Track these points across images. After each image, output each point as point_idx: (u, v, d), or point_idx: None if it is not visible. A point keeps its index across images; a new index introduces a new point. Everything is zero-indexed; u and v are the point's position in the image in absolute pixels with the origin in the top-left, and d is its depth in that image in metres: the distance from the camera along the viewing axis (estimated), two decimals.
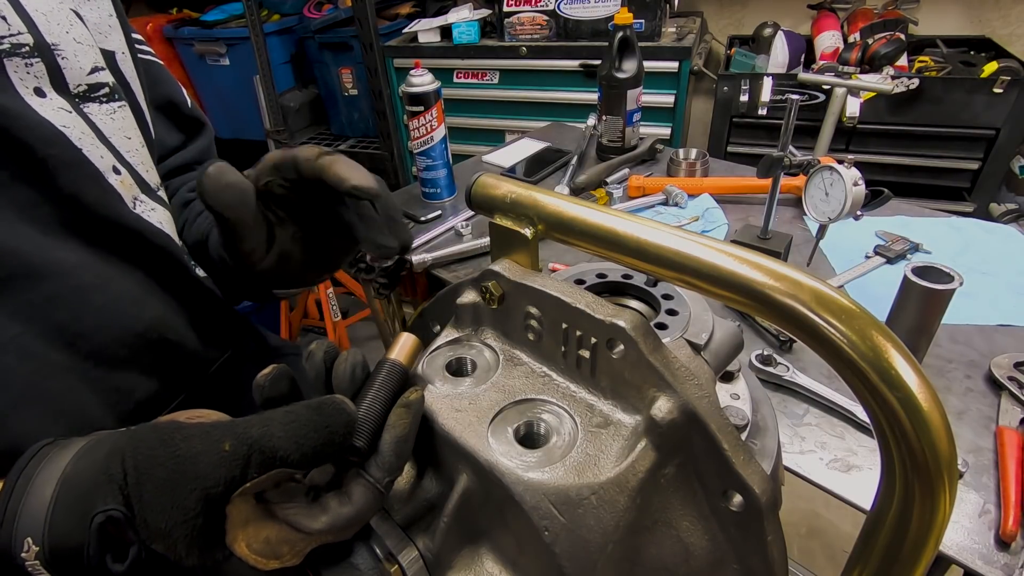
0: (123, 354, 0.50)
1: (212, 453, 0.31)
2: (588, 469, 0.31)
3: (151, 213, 0.53)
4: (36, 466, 0.34)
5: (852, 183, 0.89)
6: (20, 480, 0.33)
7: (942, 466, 0.24)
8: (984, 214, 1.99)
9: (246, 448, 0.30)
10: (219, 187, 0.42)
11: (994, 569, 0.61)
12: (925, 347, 0.84)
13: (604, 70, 1.38)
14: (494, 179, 0.39)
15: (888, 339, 0.24)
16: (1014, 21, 2.17)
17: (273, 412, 0.32)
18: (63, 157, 0.45)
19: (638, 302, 0.42)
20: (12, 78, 0.43)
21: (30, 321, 0.43)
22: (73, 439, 0.36)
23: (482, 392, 0.36)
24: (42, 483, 0.33)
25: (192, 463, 0.31)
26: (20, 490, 0.33)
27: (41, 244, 0.44)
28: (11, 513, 0.32)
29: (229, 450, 0.31)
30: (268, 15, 2.69)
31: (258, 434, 0.31)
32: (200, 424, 0.33)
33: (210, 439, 0.31)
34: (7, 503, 0.32)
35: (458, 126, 2.55)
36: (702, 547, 0.33)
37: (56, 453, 0.35)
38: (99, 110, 0.51)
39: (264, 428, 0.31)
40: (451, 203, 1.39)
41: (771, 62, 2.12)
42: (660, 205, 1.31)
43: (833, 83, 1.84)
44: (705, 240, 0.29)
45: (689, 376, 0.32)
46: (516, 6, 2.27)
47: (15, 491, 0.33)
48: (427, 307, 0.47)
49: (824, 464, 0.73)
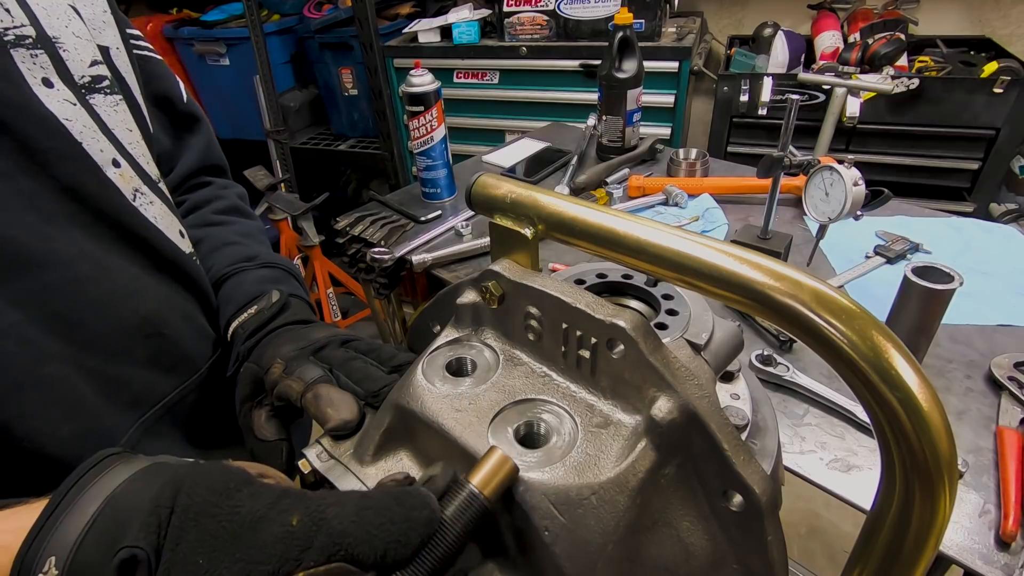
0: (119, 345, 0.50)
1: (276, 524, 0.27)
2: (588, 469, 0.31)
3: (149, 207, 0.54)
4: (93, 478, 0.31)
5: (852, 183, 0.89)
6: (71, 492, 0.30)
7: (942, 466, 0.24)
8: (984, 214, 1.99)
9: (315, 527, 0.27)
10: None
11: (994, 569, 0.61)
12: (925, 347, 0.84)
13: (604, 70, 1.38)
14: (494, 179, 0.39)
15: (888, 339, 0.24)
16: (1014, 21, 2.17)
17: (350, 492, 0.29)
18: (63, 150, 0.46)
19: (638, 302, 0.42)
20: (20, 67, 0.44)
21: (29, 309, 0.44)
22: (139, 456, 0.34)
23: (482, 392, 0.36)
24: (89, 499, 0.30)
25: (250, 529, 0.27)
26: (66, 504, 0.30)
27: (42, 234, 0.45)
28: (47, 529, 0.29)
29: (296, 526, 0.27)
30: (268, 15, 2.69)
31: (332, 515, 0.28)
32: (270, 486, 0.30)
33: (279, 507, 0.28)
34: (49, 516, 0.30)
35: (458, 126, 2.55)
36: (702, 547, 0.33)
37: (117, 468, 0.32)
38: (104, 101, 0.51)
39: (339, 509, 0.28)
40: (451, 203, 1.39)
41: (771, 62, 2.12)
42: (660, 205, 1.31)
43: (833, 83, 1.84)
44: (705, 240, 0.29)
45: (689, 376, 0.32)
46: (516, 6, 2.27)
47: (61, 504, 0.30)
48: (427, 307, 0.48)
49: (824, 464, 0.73)
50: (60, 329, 0.46)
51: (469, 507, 0.29)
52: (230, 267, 0.65)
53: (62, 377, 0.46)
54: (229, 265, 0.65)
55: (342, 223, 1.32)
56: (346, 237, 1.29)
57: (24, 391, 0.43)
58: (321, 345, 0.51)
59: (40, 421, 0.44)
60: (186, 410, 0.57)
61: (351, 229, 1.29)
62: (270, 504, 0.28)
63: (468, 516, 0.29)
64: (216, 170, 0.76)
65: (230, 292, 0.63)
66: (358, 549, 0.27)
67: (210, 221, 0.70)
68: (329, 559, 0.27)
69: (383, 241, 1.24)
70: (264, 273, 0.65)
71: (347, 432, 0.43)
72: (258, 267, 0.65)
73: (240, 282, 0.63)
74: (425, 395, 0.36)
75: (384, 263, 1.16)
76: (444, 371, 0.38)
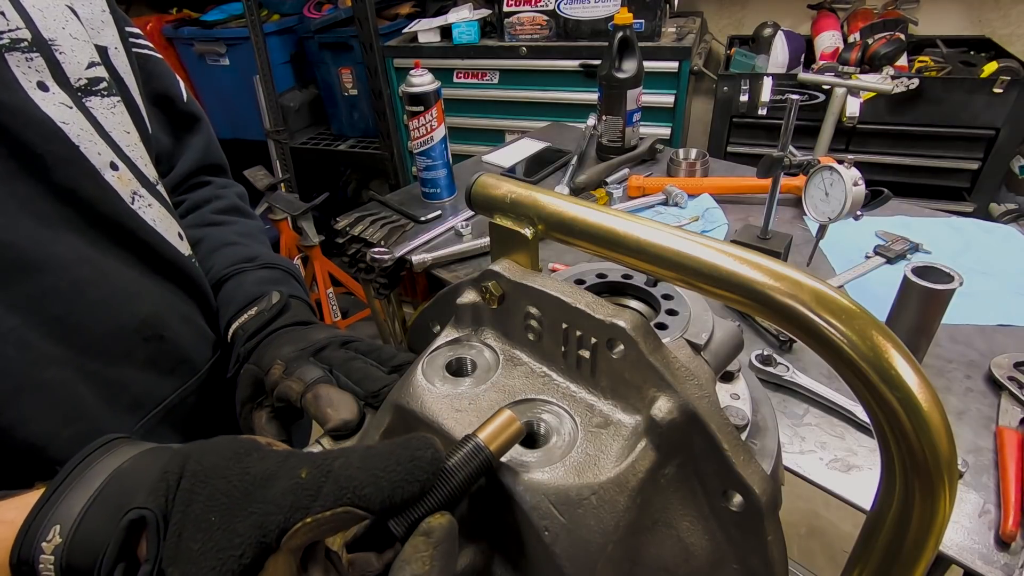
0: (118, 348, 0.50)
1: (286, 479, 0.27)
2: (588, 469, 0.31)
3: (147, 209, 0.54)
4: (99, 457, 0.31)
5: (852, 183, 0.89)
6: (77, 469, 0.30)
7: (942, 466, 0.24)
8: (984, 214, 1.99)
9: (324, 478, 0.27)
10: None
11: (994, 569, 0.61)
12: (925, 347, 0.84)
13: (604, 70, 1.38)
14: (494, 179, 0.39)
15: (888, 339, 0.24)
16: (1014, 21, 2.17)
17: (356, 447, 0.30)
18: (60, 153, 0.46)
19: (638, 302, 0.42)
20: (15, 72, 0.43)
21: (28, 313, 0.44)
22: (144, 442, 0.34)
23: (482, 392, 0.36)
24: (95, 474, 0.30)
25: (260, 486, 0.27)
26: (71, 480, 0.30)
27: (40, 238, 0.45)
28: (52, 503, 0.29)
29: (305, 478, 0.27)
30: (268, 15, 2.69)
31: (339, 465, 0.28)
32: (278, 451, 0.30)
33: (287, 464, 0.28)
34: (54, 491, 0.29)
35: (458, 126, 2.55)
36: (702, 547, 0.33)
37: (123, 448, 0.32)
38: (100, 104, 0.51)
39: (344, 459, 0.28)
40: (451, 203, 1.39)
41: (771, 62, 2.12)
42: (660, 205, 1.31)
43: (833, 83, 1.84)
44: (705, 240, 0.29)
45: (689, 376, 0.32)
46: (516, 6, 2.27)
47: (66, 480, 0.30)
48: (427, 307, 0.48)
49: (824, 464, 0.73)
50: (59, 333, 0.46)
51: (474, 457, 0.29)
52: (230, 268, 0.65)
53: (62, 381, 0.46)
54: (229, 266, 0.65)
55: (342, 223, 1.32)
56: (346, 237, 1.29)
57: (24, 395, 0.43)
58: (321, 346, 0.51)
59: (40, 425, 0.44)
60: (186, 412, 0.57)
61: (351, 229, 1.29)
62: (280, 463, 0.28)
63: (473, 466, 0.29)
64: (216, 169, 0.76)
65: (230, 293, 0.63)
66: (365, 491, 0.27)
67: (210, 221, 0.70)
68: (336, 503, 0.27)
69: (383, 241, 1.24)
70: (264, 274, 0.64)
71: (347, 432, 0.43)
72: (258, 268, 0.65)
73: (240, 283, 0.63)
74: (425, 395, 0.36)
75: (384, 263, 1.16)
76: (444, 371, 0.38)
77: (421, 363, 0.39)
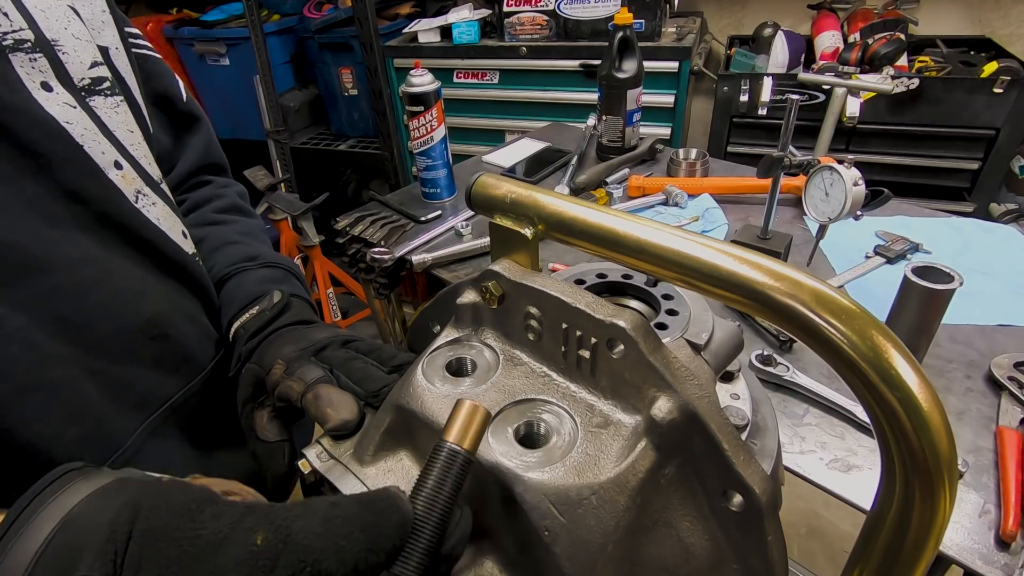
0: (123, 348, 0.50)
1: (240, 545, 0.26)
2: (588, 469, 0.31)
3: (152, 208, 0.54)
4: (51, 495, 0.29)
5: (852, 183, 0.89)
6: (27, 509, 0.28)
7: (942, 466, 0.24)
8: (984, 214, 2.00)
9: (281, 544, 0.26)
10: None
11: (994, 569, 0.61)
12: (925, 347, 0.84)
13: (604, 70, 1.38)
14: (494, 179, 0.39)
15: (888, 339, 0.24)
16: (1014, 21, 2.17)
17: (318, 501, 0.28)
18: (64, 153, 0.46)
19: (638, 302, 0.42)
20: (19, 72, 0.44)
21: (34, 313, 0.44)
22: (103, 470, 0.32)
23: (482, 392, 0.36)
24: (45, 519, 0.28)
25: (212, 552, 0.26)
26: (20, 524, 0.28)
27: (46, 238, 0.45)
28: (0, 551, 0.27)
29: (261, 545, 0.26)
30: (268, 15, 2.69)
31: (297, 528, 0.26)
32: (235, 504, 0.28)
33: (242, 525, 0.26)
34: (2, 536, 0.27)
35: (458, 126, 2.55)
36: (702, 547, 0.33)
37: (77, 484, 0.30)
38: (104, 103, 0.51)
39: (305, 522, 0.26)
40: (451, 203, 1.39)
41: (771, 62, 2.13)
42: (660, 205, 1.31)
43: (833, 83, 1.84)
44: (705, 240, 0.29)
45: (689, 376, 0.32)
46: (516, 6, 2.27)
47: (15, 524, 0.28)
48: (427, 307, 0.48)
49: (824, 464, 0.73)
50: (65, 332, 0.46)
51: (451, 465, 0.29)
52: (231, 267, 0.65)
53: (67, 380, 0.46)
54: (230, 265, 0.65)
55: (342, 223, 1.32)
56: (346, 237, 1.29)
57: (29, 395, 0.43)
58: (322, 346, 0.51)
59: (46, 425, 0.44)
60: (190, 411, 0.57)
61: (351, 229, 1.29)
62: (234, 523, 0.27)
63: (454, 475, 0.29)
64: (216, 169, 0.76)
65: (232, 292, 0.63)
66: (326, 564, 0.26)
67: (211, 220, 0.70)
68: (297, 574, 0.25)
69: (383, 241, 1.24)
70: (265, 273, 0.64)
71: (347, 432, 0.43)
72: (259, 267, 0.65)
73: (242, 282, 0.63)
74: (425, 395, 0.36)
75: (384, 263, 1.16)
76: (444, 371, 0.38)
77: (421, 363, 0.39)
